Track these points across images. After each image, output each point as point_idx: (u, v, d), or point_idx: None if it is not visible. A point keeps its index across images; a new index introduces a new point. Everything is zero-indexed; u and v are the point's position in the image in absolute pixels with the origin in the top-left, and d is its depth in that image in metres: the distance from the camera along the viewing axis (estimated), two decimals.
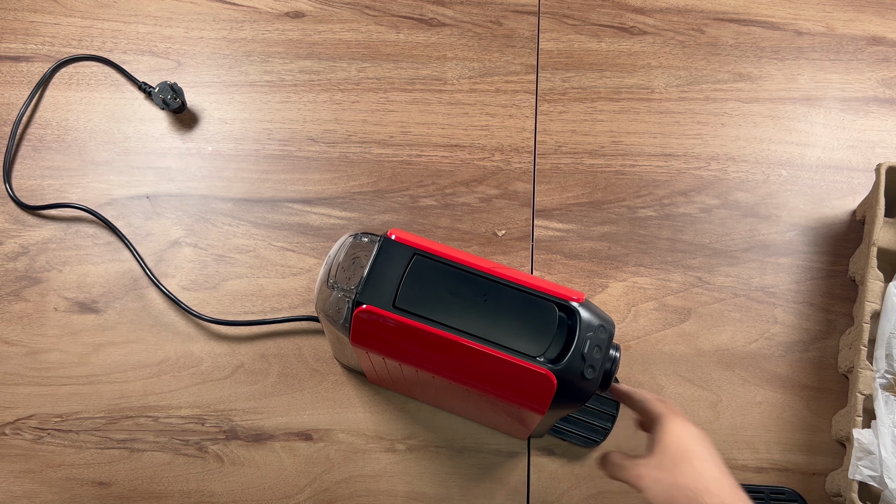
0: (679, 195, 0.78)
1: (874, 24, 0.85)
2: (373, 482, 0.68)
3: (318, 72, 0.82)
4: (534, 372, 0.52)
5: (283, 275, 0.74)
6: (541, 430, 0.63)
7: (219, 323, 0.72)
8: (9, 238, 0.76)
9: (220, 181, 0.78)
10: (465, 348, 0.53)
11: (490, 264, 0.56)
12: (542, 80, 0.82)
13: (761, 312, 0.73)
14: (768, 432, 0.69)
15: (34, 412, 0.70)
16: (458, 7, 0.85)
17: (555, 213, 0.77)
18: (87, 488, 0.68)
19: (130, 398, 0.70)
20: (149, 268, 0.74)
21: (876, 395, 0.64)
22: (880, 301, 0.68)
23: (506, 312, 0.54)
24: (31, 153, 0.79)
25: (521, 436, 0.67)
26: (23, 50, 0.83)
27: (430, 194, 0.77)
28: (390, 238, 0.57)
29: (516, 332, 0.53)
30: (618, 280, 0.74)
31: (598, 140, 0.80)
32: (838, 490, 0.65)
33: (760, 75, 0.83)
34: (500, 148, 0.79)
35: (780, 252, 0.75)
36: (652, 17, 0.85)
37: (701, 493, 0.52)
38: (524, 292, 0.55)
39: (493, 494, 0.67)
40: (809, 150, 0.80)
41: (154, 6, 0.85)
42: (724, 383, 0.71)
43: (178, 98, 0.78)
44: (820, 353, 0.72)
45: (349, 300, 0.55)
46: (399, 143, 0.79)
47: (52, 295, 0.73)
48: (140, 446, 0.69)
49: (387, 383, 0.67)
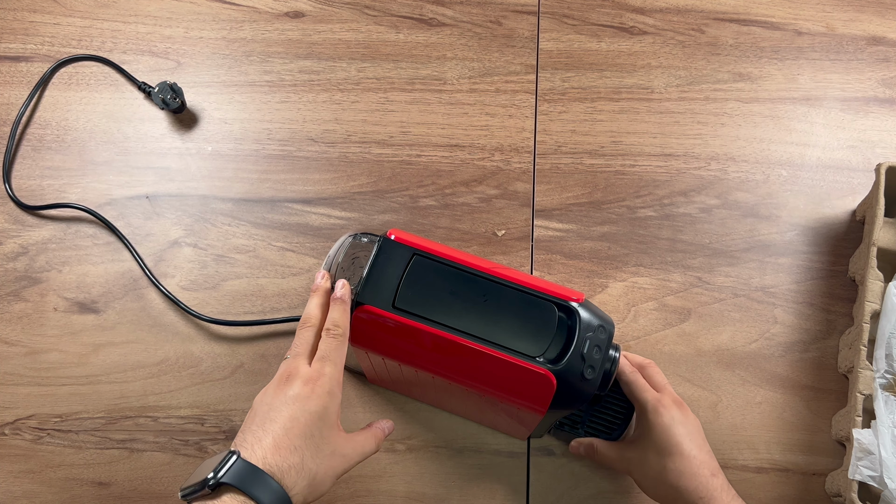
0: (679, 195, 0.77)
1: (874, 24, 0.85)
2: (373, 482, 0.68)
3: (318, 72, 0.82)
4: (533, 372, 0.52)
5: (283, 275, 0.74)
6: (540, 431, 0.63)
7: (218, 323, 0.72)
8: (8, 238, 0.76)
9: (220, 181, 0.78)
10: (465, 348, 0.53)
11: (490, 264, 0.56)
12: (542, 80, 0.82)
13: (761, 312, 0.73)
14: (768, 432, 0.69)
15: (34, 412, 0.70)
16: (458, 7, 0.85)
17: (555, 213, 0.77)
18: (86, 488, 0.67)
19: (130, 398, 0.70)
20: (148, 267, 0.74)
21: (876, 395, 0.64)
22: (880, 301, 0.68)
23: (505, 313, 0.54)
24: (31, 153, 0.79)
25: (521, 436, 0.67)
26: (23, 50, 0.83)
27: (430, 194, 0.77)
28: (390, 238, 0.57)
29: (516, 332, 0.53)
30: (618, 280, 0.74)
31: (598, 140, 0.80)
32: (838, 490, 0.65)
33: (760, 75, 0.83)
34: (500, 148, 0.79)
35: (780, 252, 0.75)
36: (652, 17, 0.85)
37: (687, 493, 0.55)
38: (524, 292, 0.55)
39: (493, 494, 0.67)
40: (809, 150, 0.80)
41: (154, 6, 0.85)
42: (724, 383, 0.71)
43: (178, 98, 0.78)
44: (820, 353, 0.72)
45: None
46: (399, 143, 0.79)
47: (52, 295, 0.73)
48: (140, 446, 0.69)
49: (386, 383, 0.67)
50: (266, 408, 0.50)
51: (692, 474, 0.56)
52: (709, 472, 0.56)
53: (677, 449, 0.57)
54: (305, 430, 0.49)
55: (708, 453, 0.58)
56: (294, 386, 0.51)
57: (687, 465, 0.56)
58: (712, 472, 0.56)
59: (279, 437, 0.48)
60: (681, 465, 0.56)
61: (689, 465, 0.56)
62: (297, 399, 0.50)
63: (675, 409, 0.58)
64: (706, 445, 0.58)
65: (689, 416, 0.59)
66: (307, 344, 0.54)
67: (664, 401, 0.59)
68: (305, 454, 0.48)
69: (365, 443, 0.54)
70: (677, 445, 0.57)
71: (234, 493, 0.46)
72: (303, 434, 0.49)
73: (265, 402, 0.51)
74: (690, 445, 0.57)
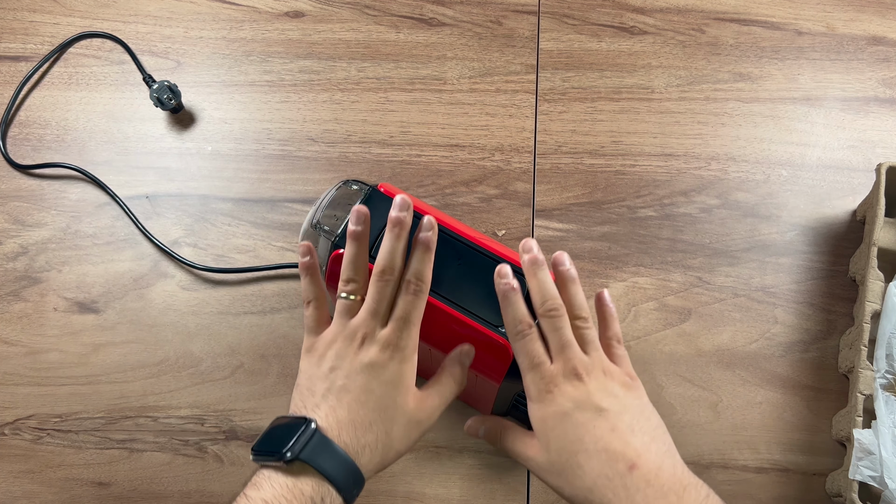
0: (679, 195, 0.77)
1: (874, 24, 0.85)
2: (373, 482, 0.67)
3: (318, 71, 0.82)
4: (493, 340, 0.53)
5: (283, 275, 0.74)
6: (501, 406, 0.64)
7: (211, 270, 0.73)
8: (8, 238, 0.76)
9: (220, 181, 0.78)
10: (430, 306, 0.53)
11: (474, 232, 0.56)
12: (542, 80, 0.82)
13: (761, 312, 0.73)
14: (768, 432, 0.69)
15: (34, 412, 0.70)
16: (458, 7, 0.85)
17: (555, 213, 0.76)
18: (86, 488, 0.67)
19: (130, 398, 0.70)
20: (140, 222, 0.74)
21: (876, 396, 0.64)
22: (881, 301, 0.68)
23: (477, 279, 0.54)
24: (31, 153, 0.79)
25: (485, 410, 0.67)
26: (23, 50, 0.83)
27: (430, 194, 0.77)
28: (378, 190, 0.57)
29: (483, 300, 0.53)
30: (618, 280, 0.74)
31: (598, 140, 0.79)
32: (838, 490, 0.65)
33: (761, 75, 0.83)
34: (500, 148, 0.79)
35: (780, 252, 0.75)
36: (652, 16, 0.85)
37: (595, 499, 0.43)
38: (498, 262, 0.55)
39: (493, 494, 0.67)
40: (810, 150, 0.79)
41: (154, 6, 0.85)
42: (725, 383, 0.71)
43: (174, 99, 0.78)
44: (820, 353, 0.72)
45: (330, 242, 0.56)
46: (399, 143, 0.79)
47: (52, 295, 0.73)
48: (140, 446, 0.69)
49: None
50: (338, 371, 0.46)
51: (604, 479, 0.43)
52: (624, 468, 0.43)
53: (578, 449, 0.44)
54: (380, 402, 0.45)
55: (626, 432, 0.44)
56: (370, 351, 0.46)
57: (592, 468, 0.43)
58: (630, 464, 0.43)
59: (354, 412, 0.44)
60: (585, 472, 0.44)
61: (595, 467, 0.43)
62: (373, 367, 0.46)
63: (565, 391, 0.45)
64: (622, 421, 0.44)
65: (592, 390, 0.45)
66: (378, 296, 0.47)
67: (552, 380, 0.46)
68: (380, 430, 0.45)
69: (439, 393, 0.49)
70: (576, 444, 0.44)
71: (312, 474, 0.42)
72: (378, 407, 0.45)
73: (334, 359, 0.46)
74: (594, 436, 0.44)
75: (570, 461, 0.44)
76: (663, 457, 0.44)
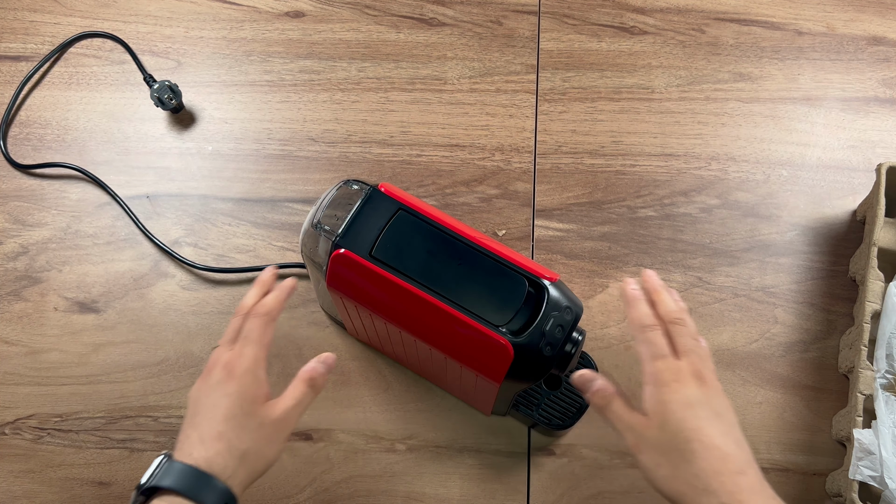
0: (679, 195, 0.77)
1: (875, 24, 0.85)
2: (373, 482, 0.68)
3: (318, 71, 0.82)
4: (493, 340, 0.53)
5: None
6: (501, 406, 0.64)
7: (211, 270, 0.73)
8: (9, 238, 0.76)
9: (220, 181, 0.78)
10: (431, 306, 0.53)
11: (473, 232, 0.56)
12: (542, 80, 0.82)
13: (762, 312, 0.73)
14: (769, 432, 0.69)
15: (34, 412, 0.70)
16: (458, 7, 0.85)
17: (555, 213, 0.77)
18: (86, 488, 0.67)
19: (130, 398, 0.70)
20: (141, 222, 0.74)
21: (876, 395, 0.64)
22: (881, 301, 0.68)
23: (477, 279, 0.55)
24: (31, 153, 0.79)
25: (485, 410, 0.67)
26: (23, 50, 0.83)
27: (431, 194, 0.77)
28: (379, 190, 0.57)
29: (484, 299, 0.54)
30: (618, 280, 0.74)
31: (598, 140, 0.79)
32: (839, 490, 0.65)
33: (761, 75, 0.83)
34: (501, 148, 0.79)
35: (780, 252, 0.75)
36: (652, 16, 0.85)
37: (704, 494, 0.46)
38: (498, 263, 0.55)
39: (493, 494, 0.67)
40: (810, 150, 0.79)
41: (154, 6, 0.85)
42: (725, 383, 0.70)
43: (175, 99, 0.78)
44: (820, 353, 0.72)
45: (330, 242, 0.56)
46: (399, 143, 0.79)
47: (52, 295, 0.73)
48: (140, 446, 0.69)
49: (362, 337, 0.68)
50: (193, 403, 0.52)
51: (713, 472, 0.46)
52: (735, 469, 0.46)
53: (694, 437, 0.47)
54: (227, 413, 0.50)
55: (736, 443, 0.48)
56: (214, 374, 0.52)
57: (704, 459, 0.46)
58: (739, 469, 0.46)
59: (203, 430, 0.49)
60: (696, 459, 0.46)
61: (708, 459, 0.46)
62: (217, 386, 0.51)
63: (691, 386, 0.49)
64: (734, 432, 0.49)
65: (712, 395, 0.49)
66: (232, 331, 0.54)
67: (679, 373, 0.49)
68: (230, 436, 0.49)
69: (292, 396, 0.53)
70: (693, 432, 0.47)
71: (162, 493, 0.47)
72: (224, 418, 0.49)
73: (192, 397, 0.52)
74: (711, 433, 0.47)
75: (684, 446, 0.47)
76: (761, 477, 0.48)
